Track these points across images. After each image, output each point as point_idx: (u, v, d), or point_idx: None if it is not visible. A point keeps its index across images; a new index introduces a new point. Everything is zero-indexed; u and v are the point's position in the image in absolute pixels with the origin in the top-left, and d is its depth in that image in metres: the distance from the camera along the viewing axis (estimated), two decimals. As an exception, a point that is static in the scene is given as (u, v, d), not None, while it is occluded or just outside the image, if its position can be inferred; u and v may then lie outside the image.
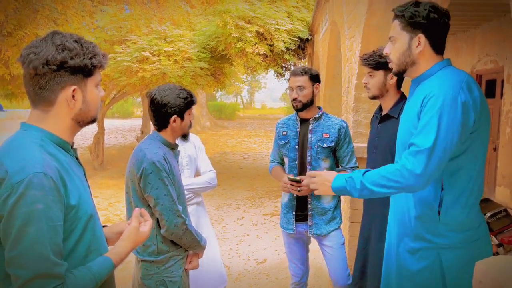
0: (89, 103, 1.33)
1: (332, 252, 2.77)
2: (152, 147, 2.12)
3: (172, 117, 2.15)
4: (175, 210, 2.05)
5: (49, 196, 1.16)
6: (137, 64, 8.85)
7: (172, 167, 2.13)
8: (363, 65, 2.38)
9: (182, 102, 2.16)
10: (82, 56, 1.27)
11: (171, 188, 2.07)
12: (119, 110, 34.00)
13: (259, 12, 8.22)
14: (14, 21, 6.06)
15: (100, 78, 1.37)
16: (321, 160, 2.70)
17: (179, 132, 2.23)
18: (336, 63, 6.26)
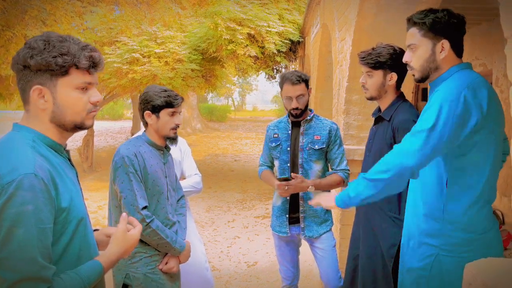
0: (61, 105, 1.26)
1: (324, 254, 2.77)
2: (130, 143, 2.22)
3: (145, 112, 2.23)
4: (135, 206, 2.08)
5: (39, 198, 1.14)
6: (127, 65, 8.79)
7: (148, 166, 2.17)
8: (361, 63, 2.27)
9: (157, 98, 2.21)
10: (45, 54, 1.21)
11: (137, 185, 2.11)
12: (109, 112, 33.74)
13: (250, 14, 8.22)
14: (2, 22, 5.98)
15: (83, 81, 1.28)
16: (313, 162, 2.71)
17: (158, 131, 2.26)
18: (327, 65, 6.28)
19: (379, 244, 2.20)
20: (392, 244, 2.11)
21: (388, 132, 2.17)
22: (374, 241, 2.23)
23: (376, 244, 2.22)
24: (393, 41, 3.18)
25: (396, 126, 2.12)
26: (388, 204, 2.14)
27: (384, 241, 2.17)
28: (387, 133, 2.17)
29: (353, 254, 2.44)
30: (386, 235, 2.15)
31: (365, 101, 3.44)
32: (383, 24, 3.10)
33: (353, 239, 2.47)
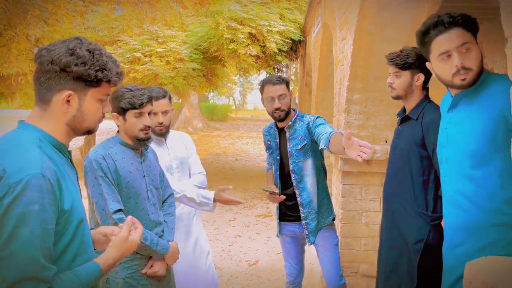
0: (84, 112, 1.33)
1: (325, 252, 2.79)
2: (99, 146, 2.18)
3: (112, 113, 2.17)
4: (106, 211, 2.02)
5: (45, 198, 1.16)
6: (129, 64, 8.80)
7: (119, 167, 2.11)
8: (389, 64, 2.32)
9: (121, 99, 2.15)
10: (89, 66, 1.29)
11: (107, 188, 2.04)
12: (110, 111, 33.78)
13: (252, 14, 8.23)
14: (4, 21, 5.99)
15: (107, 93, 1.38)
16: (301, 163, 2.69)
17: (127, 132, 2.20)
18: (329, 64, 6.29)
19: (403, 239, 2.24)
20: (419, 239, 2.15)
21: (416, 131, 2.23)
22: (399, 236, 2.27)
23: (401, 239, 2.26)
24: (393, 40, 3.19)
25: (426, 125, 2.18)
26: (415, 200, 2.20)
27: (411, 237, 2.20)
28: (416, 132, 2.23)
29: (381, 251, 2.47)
30: (413, 230, 2.19)
31: (366, 100, 3.45)
32: (384, 23, 3.10)
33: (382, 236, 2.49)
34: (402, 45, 3.09)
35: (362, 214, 3.49)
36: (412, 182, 2.22)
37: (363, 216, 3.49)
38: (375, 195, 3.46)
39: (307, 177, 2.69)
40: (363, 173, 3.45)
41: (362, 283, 3.55)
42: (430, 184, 2.18)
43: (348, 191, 3.48)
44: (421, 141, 2.20)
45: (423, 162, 2.20)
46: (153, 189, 2.27)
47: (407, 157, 2.25)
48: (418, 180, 2.20)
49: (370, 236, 3.50)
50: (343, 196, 3.49)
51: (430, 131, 2.13)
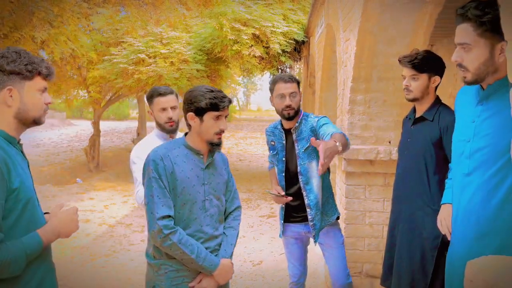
0: (27, 103, 1.58)
1: (332, 251, 2.79)
2: (162, 146, 2.07)
3: (188, 114, 2.02)
4: (154, 214, 1.92)
5: None
6: (133, 66, 8.84)
7: (177, 171, 1.98)
8: (405, 67, 2.35)
9: (202, 100, 1.97)
10: (18, 62, 1.54)
11: (159, 191, 1.94)
12: (114, 112, 33.88)
13: (255, 15, 8.25)
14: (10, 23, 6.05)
15: (43, 85, 1.62)
16: (307, 164, 2.69)
17: (200, 135, 2.04)
18: (332, 65, 6.29)
19: (419, 237, 2.31)
20: (436, 235, 2.21)
21: (433, 132, 2.28)
22: (415, 234, 2.33)
23: (417, 236, 2.32)
24: (397, 41, 3.20)
25: (445, 126, 2.24)
26: (431, 198, 2.27)
27: (428, 234, 2.27)
28: (433, 132, 2.28)
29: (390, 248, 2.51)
30: (430, 227, 2.25)
31: (369, 101, 3.46)
32: (387, 24, 3.11)
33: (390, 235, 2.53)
34: (405, 46, 3.12)
35: (366, 214, 3.50)
36: (428, 181, 2.29)
37: (367, 217, 3.50)
38: (379, 195, 3.47)
39: (313, 179, 2.70)
40: (367, 174, 3.46)
41: (366, 283, 3.56)
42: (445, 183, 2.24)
43: (352, 191, 3.49)
44: (438, 141, 2.26)
45: (439, 162, 2.26)
46: (213, 199, 2.10)
47: (422, 157, 2.30)
48: (434, 178, 2.27)
49: (373, 236, 3.51)
50: (347, 197, 3.50)
51: (449, 131, 2.17)
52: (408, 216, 2.38)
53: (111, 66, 9.01)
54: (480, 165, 1.69)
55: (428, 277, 2.26)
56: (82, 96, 13.28)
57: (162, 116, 2.67)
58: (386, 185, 3.42)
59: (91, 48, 9.84)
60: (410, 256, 2.34)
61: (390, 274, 2.49)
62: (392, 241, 2.50)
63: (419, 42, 3.17)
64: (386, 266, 2.55)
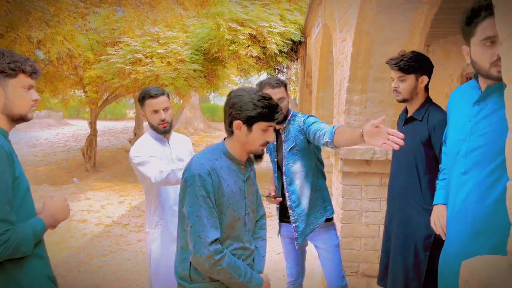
0: (11, 100, 1.66)
1: (327, 254, 2.79)
2: (204, 155, 1.84)
3: (234, 121, 1.81)
4: (203, 239, 1.71)
5: (4, 165, 1.53)
6: (130, 66, 8.83)
7: (224, 186, 1.79)
8: (393, 69, 2.38)
9: (253, 108, 1.78)
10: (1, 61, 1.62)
11: (208, 211, 1.73)
12: (111, 112, 33.80)
13: (252, 15, 8.25)
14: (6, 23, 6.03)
15: (28, 83, 1.68)
16: (291, 165, 2.68)
17: (244, 145, 1.86)
18: (329, 65, 6.30)
19: (412, 236, 2.33)
20: (428, 235, 2.24)
21: (423, 131, 2.31)
22: (408, 233, 2.35)
23: (409, 236, 2.34)
24: (393, 41, 3.21)
25: (433, 126, 2.26)
26: (422, 197, 2.30)
27: (420, 233, 2.29)
28: (422, 132, 2.31)
29: (386, 248, 2.53)
30: (422, 226, 2.27)
31: (365, 101, 3.47)
32: (383, 25, 3.12)
33: (386, 234, 2.55)
34: (402, 47, 3.13)
35: (362, 214, 3.51)
36: (419, 181, 2.31)
37: (363, 216, 3.51)
38: (375, 195, 3.48)
39: (297, 180, 2.67)
40: (363, 174, 3.47)
41: (362, 282, 3.57)
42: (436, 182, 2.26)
43: (348, 191, 3.50)
44: (427, 140, 2.28)
45: (429, 161, 2.28)
46: (250, 212, 1.95)
47: (413, 157, 2.33)
48: (425, 178, 2.30)
49: (370, 236, 3.52)
50: (343, 196, 3.51)
51: (437, 131, 2.21)
52: (401, 216, 2.41)
53: (108, 66, 9.00)
54: (476, 164, 1.69)
55: (422, 277, 2.27)
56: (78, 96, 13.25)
57: (154, 118, 2.66)
58: (382, 185, 3.43)
59: (88, 48, 9.82)
60: (404, 255, 2.36)
61: (387, 273, 2.50)
62: (388, 241, 2.52)
63: (415, 43, 3.18)
64: (382, 265, 2.57)
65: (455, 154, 1.83)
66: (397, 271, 2.39)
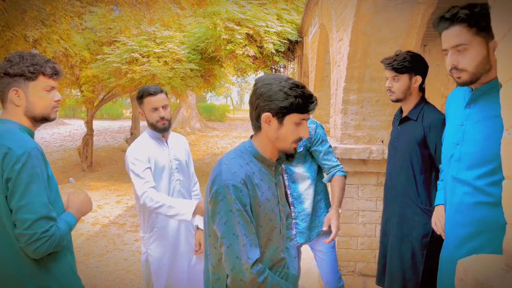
0: (32, 102, 1.72)
1: (323, 256, 2.78)
2: (234, 162, 1.56)
3: (263, 114, 1.55)
4: (244, 260, 1.47)
5: (41, 164, 1.63)
6: (127, 65, 8.81)
7: (259, 194, 1.55)
8: (387, 69, 2.39)
9: (284, 97, 1.52)
10: (20, 65, 1.68)
11: (245, 228, 1.49)
12: (108, 111, 33.72)
13: (249, 14, 8.25)
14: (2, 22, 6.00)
15: (49, 84, 1.74)
16: (292, 167, 2.68)
17: (275, 142, 1.59)
18: (326, 65, 6.31)
19: (409, 235, 2.34)
20: (425, 234, 2.26)
21: (417, 131, 2.32)
22: (405, 232, 2.36)
23: (406, 235, 2.35)
24: (390, 41, 3.21)
25: (428, 125, 2.27)
26: (418, 197, 2.31)
27: (417, 232, 2.30)
28: (417, 132, 2.32)
29: (383, 247, 2.54)
30: (419, 226, 2.29)
31: (362, 101, 3.48)
32: (380, 24, 3.13)
33: (383, 234, 2.56)
34: (398, 46, 3.14)
35: (359, 213, 3.52)
36: (415, 180, 2.32)
37: (360, 216, 3.52)
38: (372, 194, 3.49)
39: (299, 179, 2.69)
40: (360, 173, 3.48)
41: (359, 282, 3.58)
42: (432, 181, 2.28)
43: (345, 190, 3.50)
44: (422, 140, 2.29)
45: (424, 161, 2.29)
46: (284, 217, 1.74)
47: (409, 156, 2.33)
48: (421, 178, 2.31)
49: (366, 235, 3.53)
50: (340, 196, 3.51)
51: (432, 130, 2.22)
52: (397, 216, 2.41)
53: (104, 65, 8.97)
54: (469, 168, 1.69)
55: (419, 276, 2.28)
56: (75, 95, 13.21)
57: (154, 115, 2.65)
58: (379, 184, 3.44)
59: (84, 47, 9.79)
60: (401, 255, 2.36)
61: (385, 273, 2.51)
62: (385, 241, 2.52)
63: (412, 42, 3.19)
64: (380, 265, 2.57)
65: (449, 157, 1.84)
66: (395, 270, 2.39)
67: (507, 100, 1.07)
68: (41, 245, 1.57)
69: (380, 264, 2.57)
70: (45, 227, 1.58)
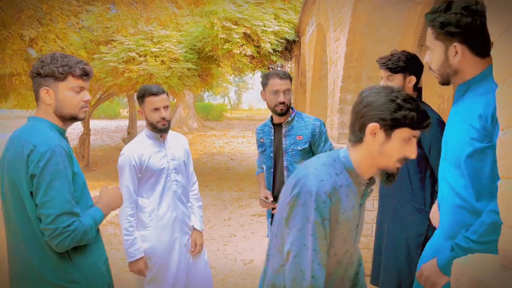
0: (61, 101, 1.78)
1: None
2: (324, 170, 1.40)
3: (369, 124, 1.38)
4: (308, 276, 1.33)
5: (65, 161, 1.69)
6: (123, 64, 8.79)
7: (341, 211, 1.39)
8: (381, 68, 2.40)
9: (397, 108, 1.35)
10: (51, 66, 1.74)
11: (318, 242, 1.34)
12: (105, 110, 33.64)
13: (246, 14, 8.25)
14: (-2, 21, 5.97)
15: (77, 85, 1.79)
16: (297, 163, 2.69)
17: (376, 158, 1.42)
18: (323, 65, 6.32)
19: (404, 235, 2.35)
20: (420, 233, 2.28)
21: None
22: (400, 232, 2.37)
23: (401, 234, 2.36)
24: (387, 40, 3.22)
25: None
26: (413, 197, 2.32)
27: (412, 232, 2.32)
28: None
29: (379, 247, 2.54)
30: (413, 225, 2.31)
31: (359, 100, 3.48)
32: (377, 24, 3.14)
33: (378, 233, 2.57)
34: (395, 46, 3.15)
35: (356, 213, 3.52)
36: (409, 180, 2.33)
37: (357, 215, 3.52)
38: (369, 194, 3.49)
39: None
40: (357, 173, 3.48)
41: (356, 281, 3.58)
42: (426, 181, 2.29)
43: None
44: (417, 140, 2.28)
45: (419, 161, 2.27)
46: (357, 245, 1.58)
47: None
48: (416, 178, 2.31)
49: (363, 234, 3.53)
50: (337, 196, 3.51)
51: None
52: (392, 215, 2.42)
53: (101, 64, 8.95)
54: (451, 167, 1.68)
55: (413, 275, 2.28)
56: (71, 95, 13.13)
57: (154, 115, 2.63)
58: (375, 184, 3.44)
59: (81, 46, 9.75)
60: (396, 254, 2.37)
61: (379, 272, 2.51)
62: (380, 240, 2.53)
63: (409, 42, 3.20)
64: (375, 264, 2.58)
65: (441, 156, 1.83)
66: (390, 270, 2.40)
67: (503, 100, 1.07)
68: (63, 239, 1.65)
69: (375, 263, 2.58)
70: (67, 222, 1.65)
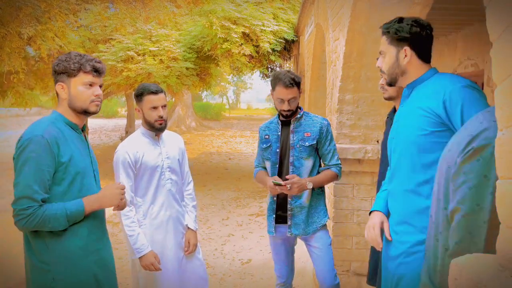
0: (73, 95, 1.95)
1: (319, 253, 2.79)
2: None
3: None
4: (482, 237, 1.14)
5: (41, 150, 1.79)
6: (122, 63, 8.77)
7: None
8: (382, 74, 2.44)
9: None
10: (65, 63, 1.93)
11: None
12: (103, 109, 33.57)
13: (245, 13, 8.24)
14: (-4, 19, 5.95)
15: (88, 80, 1.94)
16: (303, 159, 2.74)
17: None
18: (321, 64, 6.32)
19: None
20: None
21: None
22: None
23: None
24: (386, 41, 3.22)
25: None
26: None
27: None
28: None
29: None
30: None
31: (357, 100, 3.48)
32: (376, 24, 3.13)
33: None
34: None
35: (354, 213, 3.52)
36: None
37: (355, 215, 3.52)
38: (367, 194, 3.49)
39: (305, 174, 2.73)
40: (355, 172, 3.49)
41: (354, 281, 3.59)
42: None
43: (340, 190, 3.51)
44: None
45: None
46: None
47: None
48: None
49: (361, 234, 3.53)
50: (335, 195, 3.52)
51: None
52: None
53: (99, 63, 8.93)
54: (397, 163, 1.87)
55: None
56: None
57: (152, 114, 2.65)
58: (374, 184, 3.44)
59: (79, 45, 9.73)
60: None
61: (376, 272, 2.51)
62: None
63: (407, 43, 3.20)
64: (372, 264, 2.58)
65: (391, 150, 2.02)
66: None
67: (502, 100, 1.07)
68: (18, 221, 1.78)
69: (372, 263, 2.58)
70: (23, 206, 1.76)
